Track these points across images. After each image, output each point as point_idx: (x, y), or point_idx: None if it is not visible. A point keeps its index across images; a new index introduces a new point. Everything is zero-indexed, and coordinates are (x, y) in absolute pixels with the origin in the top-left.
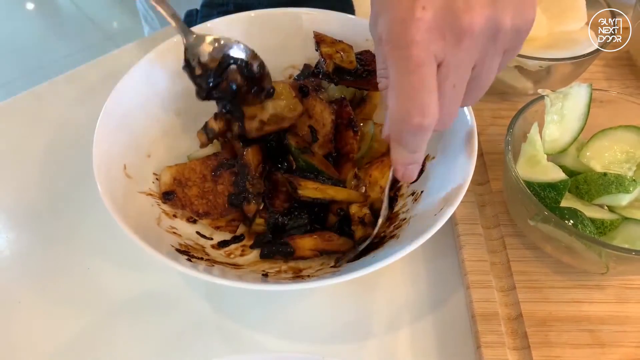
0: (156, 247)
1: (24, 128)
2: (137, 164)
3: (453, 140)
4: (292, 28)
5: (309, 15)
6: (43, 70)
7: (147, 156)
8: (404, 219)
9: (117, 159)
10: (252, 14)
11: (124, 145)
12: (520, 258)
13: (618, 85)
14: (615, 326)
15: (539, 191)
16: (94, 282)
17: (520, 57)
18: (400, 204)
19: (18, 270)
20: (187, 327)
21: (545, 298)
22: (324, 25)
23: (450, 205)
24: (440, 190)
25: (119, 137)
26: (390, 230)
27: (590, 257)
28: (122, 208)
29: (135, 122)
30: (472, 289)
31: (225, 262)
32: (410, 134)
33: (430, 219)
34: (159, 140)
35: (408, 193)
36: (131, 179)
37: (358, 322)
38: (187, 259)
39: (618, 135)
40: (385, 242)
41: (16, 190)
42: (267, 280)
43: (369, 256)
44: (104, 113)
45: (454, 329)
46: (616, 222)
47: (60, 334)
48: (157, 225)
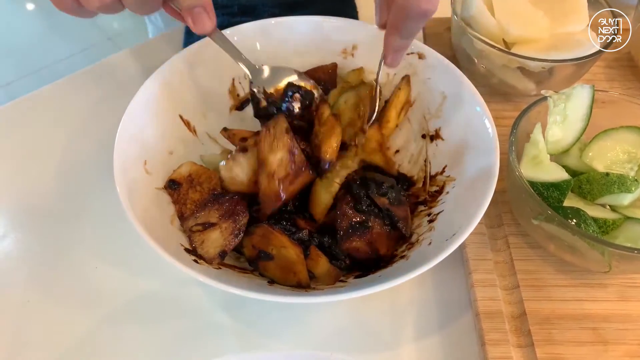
0: (164, 245)
1: (42, 126)
2: (158, 159)
3: (474, 163)
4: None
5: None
6: (45, 71)
7: (170, 153)
8: (416, 240)
9: (138, 154)
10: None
11: (146, 141)
12: (523, 257)
13: (619, 86)
14: (617, 324)
15: (543, 191)
16: (102, 282)
17: (523, 58)
18: (416, 223)
19: (27, 271)
20: (196, 328)
21: (548, 296)
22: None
23: (462, 233)
24: (454, 214)
25: (143, 133)
26: (402, 250)
27: (592, 256)
28: (136, 204)
29: (158, 121)
30: (477, 288)
31: (234, 265)
32: (414, 20)
33: (441, 243)
34: (182, 138)
35: (425, 214)
36: (150, 175)
37: (362, 320)
38: (193, 260)
39: (620, 135)
40: (394, 262)
41: (27, 191)
42: (272, 290)
43: (375, 274)
44: (127, 114)
45: (458, 327)
46: (618, 221)
47: (68, 334)
48: (170, 223)
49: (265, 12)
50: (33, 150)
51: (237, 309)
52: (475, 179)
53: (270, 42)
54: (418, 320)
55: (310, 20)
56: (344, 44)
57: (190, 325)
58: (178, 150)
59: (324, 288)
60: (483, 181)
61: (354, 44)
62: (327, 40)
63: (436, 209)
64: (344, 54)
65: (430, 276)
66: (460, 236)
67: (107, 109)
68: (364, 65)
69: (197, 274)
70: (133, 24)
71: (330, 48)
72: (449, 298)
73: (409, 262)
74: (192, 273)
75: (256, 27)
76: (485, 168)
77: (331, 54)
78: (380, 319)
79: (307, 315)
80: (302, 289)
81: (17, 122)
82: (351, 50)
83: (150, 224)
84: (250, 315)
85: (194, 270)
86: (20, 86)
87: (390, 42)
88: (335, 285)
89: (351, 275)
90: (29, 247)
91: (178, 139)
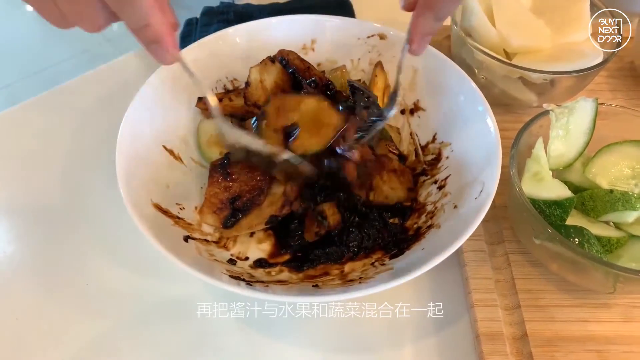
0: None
1: (42, 131)
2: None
3: (466, 121)
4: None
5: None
6: (44, 73)
7: (167, 187)
8: (434, 209)
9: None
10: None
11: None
12: (525, 275)
13: (622, 96)
14: (622, 346)
15: (544, 209)
16: (106, 284)
17: (524, 70)
18: (424, 193)
19: (33, 274)
20: (205, 331)
21: (550, 317)
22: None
23: (490, 185)
24: (466, 172)
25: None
26: (424, 221)
27: (596, 277)
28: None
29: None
30: (477, 308)
31: (267, 279)
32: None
33: (471, 202)
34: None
35: (430, 182)
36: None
37: (360, 339)
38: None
39: (624, 150)
40: (425, 233)
41: (31, 195)
42: (319, 291)
43: (418, 248)
44: (127, 117)
45: (457, 349)
46: (622, 239)
47: (74, 338)
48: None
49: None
50: (36, 155)
51: (249, 318)
52: (474, 135)
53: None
54: (416, 341)
55: (265, 22)
56: (303, 40)
57: (195, 329)
58: (173, 181)
59: (368, 275)
60: (484, 133)
61: (312, 39)
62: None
63: (440, 175)
64: (304, 50)
65: (429, 294)
66: (488, 192)
67: (111, 111)
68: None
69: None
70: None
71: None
72: (448, 317)
73: (442, 230)
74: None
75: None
76: (480, 118)
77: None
78: (376, 338)
79: (315, 314)
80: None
81: (19, 126)
82: (310, 45)
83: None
84: (257, 313)
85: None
86: (19, 88)
87: (421, 24)
88: (379, 269)
89: (387, 255)
90: (34, 250)
91: (170, 169)
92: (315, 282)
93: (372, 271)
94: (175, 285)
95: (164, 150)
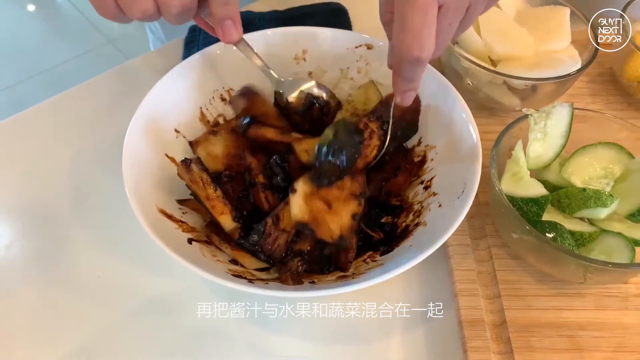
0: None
1: (50, 135)
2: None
3: (448, 124)
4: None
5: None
6: (46, 74)
7: (170, 193)
8: (420, 208)
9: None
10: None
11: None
12: (505, 267)
13: (602, 100)
14: (593, 332)
15: (522, 205)
16: (108, 284)
17: (507, 77)
18: (411, 193)
19: (36, 274)
20: (205, 331)
21: (528, 305)
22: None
23: (470, 187)
24: (451, 174)
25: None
26: (412, 220)
27: (569, 268)
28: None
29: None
30: (460, 297)
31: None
32: (409, 65)
33: (453, 202)
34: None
35: (417, 183)
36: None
37: (349, 326)
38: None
39: (597, 152)
40: (413, 230)
41: (35, 197)
42: (316, 287)
43: (406, 244)
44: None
45: (444, 334)
46: (595, 234)
47: (74, 337)
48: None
49: (262, 27)
50: (40, 159)
51: (246, 312)
52: (458, 140)
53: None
54: (405, 327)
55: (261, 34)
56: (295, 50)
57: (195, 329)
58: (176, 187)
59: (363, 270)
60: (466, 137)
61: (303, 49)
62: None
63: (426, 176)
64: (296, 60)
65: (417, 284)
66: (469, 191)
67: (117, 113)
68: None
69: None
70: (133, 28)
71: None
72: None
73: (428, 227)
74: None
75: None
76: (463, 124)
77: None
78: (365, 324)
79: (315, 314)
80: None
81: (24, 131)
82: (302, 55)
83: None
84: (257, 313)
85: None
86: (21, 89)
87: (397, 84)
88: (372, 264)
89: (378, 252)
90: (37, 252)
91: (173, 176)
92: (312, 279)
93: (364, 267)
94: (175, 286)
95: (165, 158)
